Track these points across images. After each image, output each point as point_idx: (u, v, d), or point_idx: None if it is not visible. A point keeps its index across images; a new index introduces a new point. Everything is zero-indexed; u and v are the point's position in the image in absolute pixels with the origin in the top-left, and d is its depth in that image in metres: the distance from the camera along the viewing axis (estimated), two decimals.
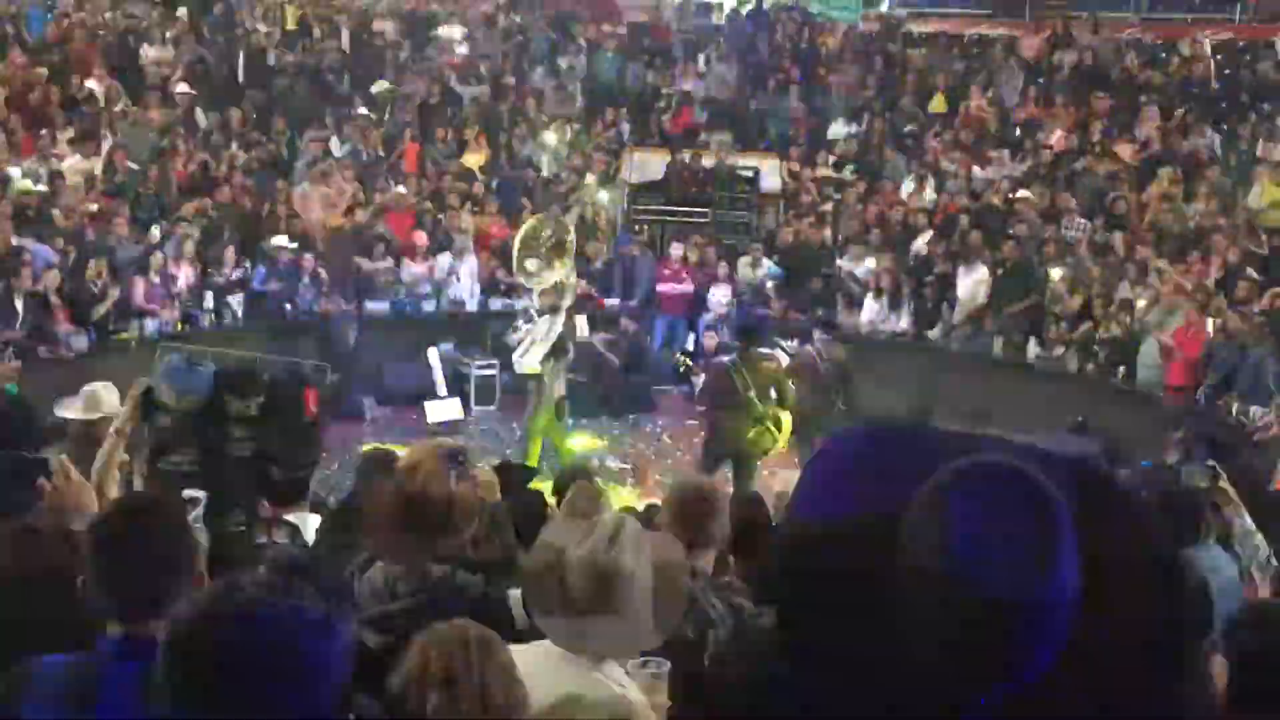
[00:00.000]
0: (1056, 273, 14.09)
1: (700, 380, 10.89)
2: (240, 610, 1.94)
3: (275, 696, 1.91)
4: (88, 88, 16.37)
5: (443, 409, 13.79)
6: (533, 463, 10.46)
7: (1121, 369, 13.14)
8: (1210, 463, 5.69)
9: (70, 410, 6.11)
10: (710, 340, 14.28)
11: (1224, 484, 5.32)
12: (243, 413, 5.37)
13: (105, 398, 6.13)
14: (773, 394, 10.28)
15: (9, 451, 5.60)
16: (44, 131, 15.09)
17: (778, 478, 10.37)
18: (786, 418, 10.36)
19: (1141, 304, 13.21)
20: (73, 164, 14.76)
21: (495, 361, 14.13)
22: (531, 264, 11.46)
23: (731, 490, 8.51)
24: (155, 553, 2.70)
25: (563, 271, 11.48)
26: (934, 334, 14.92)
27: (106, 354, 12.50)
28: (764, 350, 11.03)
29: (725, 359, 10.83)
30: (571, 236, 11.73)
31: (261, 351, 13.52)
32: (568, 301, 11.63)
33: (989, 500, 1.65)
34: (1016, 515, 1.64)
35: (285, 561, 2.25)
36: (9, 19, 17.48)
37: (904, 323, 15.04)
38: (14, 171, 14.08)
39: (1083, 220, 15.07)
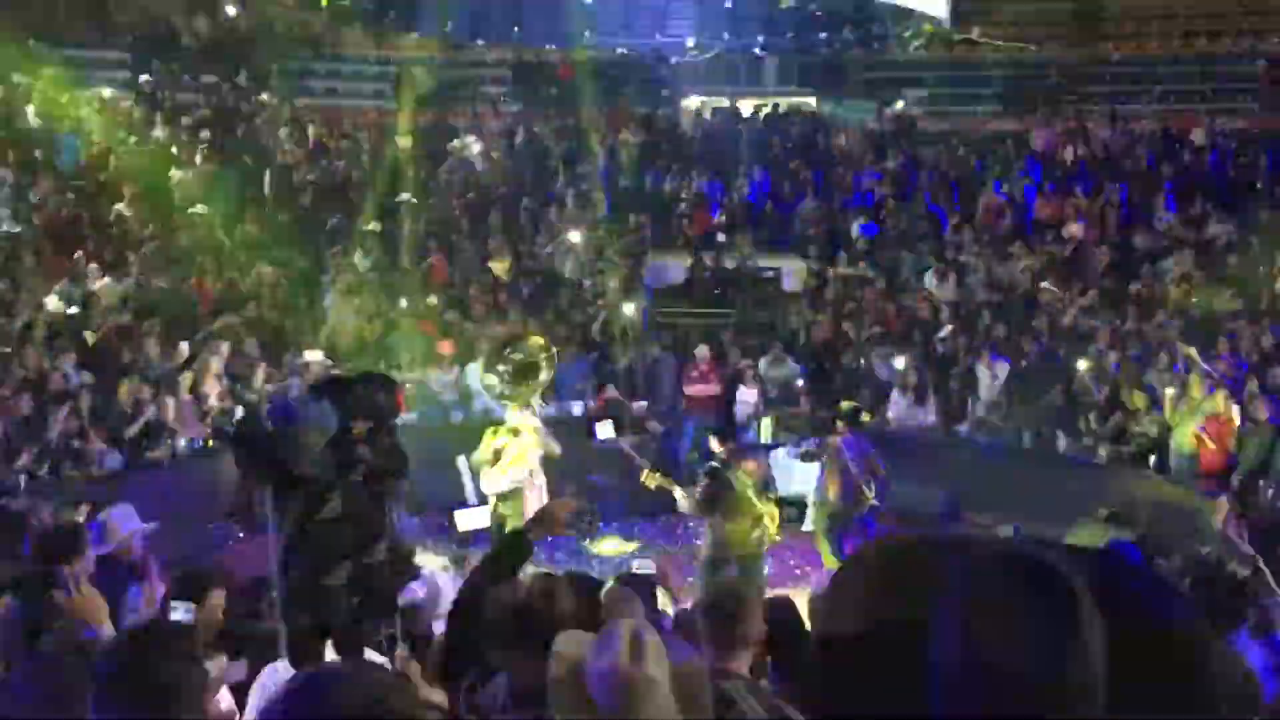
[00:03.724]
0: (1082, 364, 14.07)
1: (680, 494, 10.69)
2: (334, 692, 1.97)
3: None
4: (117, 210, 16.70)
5: (472, 517, 13.76)
6: None
7: (1153, 458, 13.05)
8: (1249, 551, 5.62)
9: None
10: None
11: (1264, 573, 5.25)
12: (362, 432, 5.34)
13: (114, 528, 6.15)
14: (762, 491, 10.27)
15: None
16: (76, 255, 15.36)
17: (810, 578, 10.29)
18: (775, 510, 10.35)
19: (1170, 392, 13.16)
20: (105, 285, 15.00)
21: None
22: (492, 379, 11.22)
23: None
24: (159, 687, 2.73)
25: (526, 396, 11.08)
26: (962, 427, 14.88)
27: (139, 472, 12.59)
28: (741, 450, 10.94)
29: (716, 465, 10.56)
30: (541, 362, 11.16)
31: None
32: (526, 430, 11.12)
33: (1008, 588, 1.68)
34: (1036, 600, 1.67)
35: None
36: (42, 147, 17.90)
37: (931, 417, 15.02)
38: (49, 299, 14.32)
39: (1106, 310, 15.09)
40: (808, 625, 5.22)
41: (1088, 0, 24.96)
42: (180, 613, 5.11)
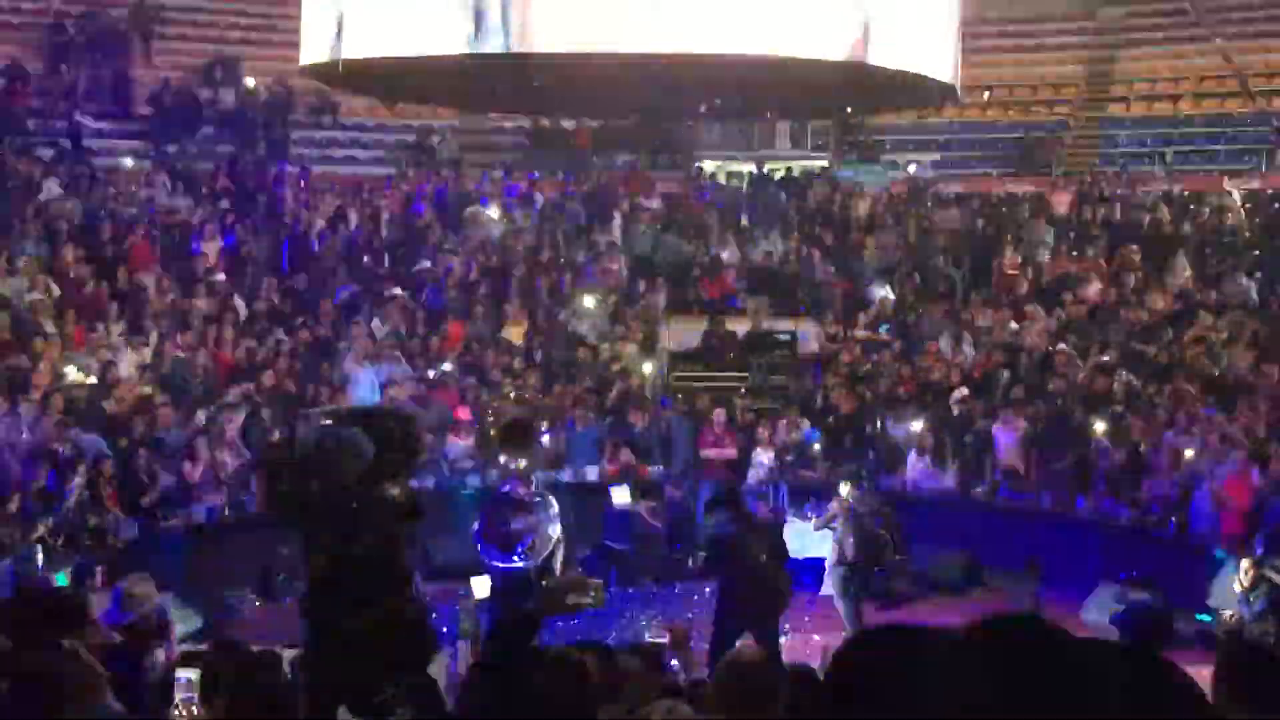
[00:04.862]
0: (1099, 425, 14.00)
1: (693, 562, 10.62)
2: None
3: None
4: (138, 280, 16.82)
5: (488, 584, 13.67)
6: None
7: (1173, 520, 12.95)
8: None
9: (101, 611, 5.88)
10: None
11: None
12: (392, 468, 5.18)
13: (140, 593, 6.08)
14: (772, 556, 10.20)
15: None
16: (97, 325, 15.47)
17: (821, 641, 10.22)
18: (787, 574, 10.28)
19: (1189, 454, 13.08)
20: (124, 355, 15.08)
21: None
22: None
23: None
24: None
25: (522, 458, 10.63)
26: (979, 490, 14.81)
27: (155, 540, 12.61)
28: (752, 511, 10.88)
29: (728, 528, 10.46)
30: (536, 424, 11.05)
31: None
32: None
33: (1008, 660, 1.70)
34: (1032, 667, 1.68)
35: None
36: (64, 217, 18.02)
37: (949, 480, 14.96)
38: (69, 369, 14.40)
39: (1124, 372, 15.03)
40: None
41: (1097, 63, 25.12)
42: (186, 682, 5.07)
